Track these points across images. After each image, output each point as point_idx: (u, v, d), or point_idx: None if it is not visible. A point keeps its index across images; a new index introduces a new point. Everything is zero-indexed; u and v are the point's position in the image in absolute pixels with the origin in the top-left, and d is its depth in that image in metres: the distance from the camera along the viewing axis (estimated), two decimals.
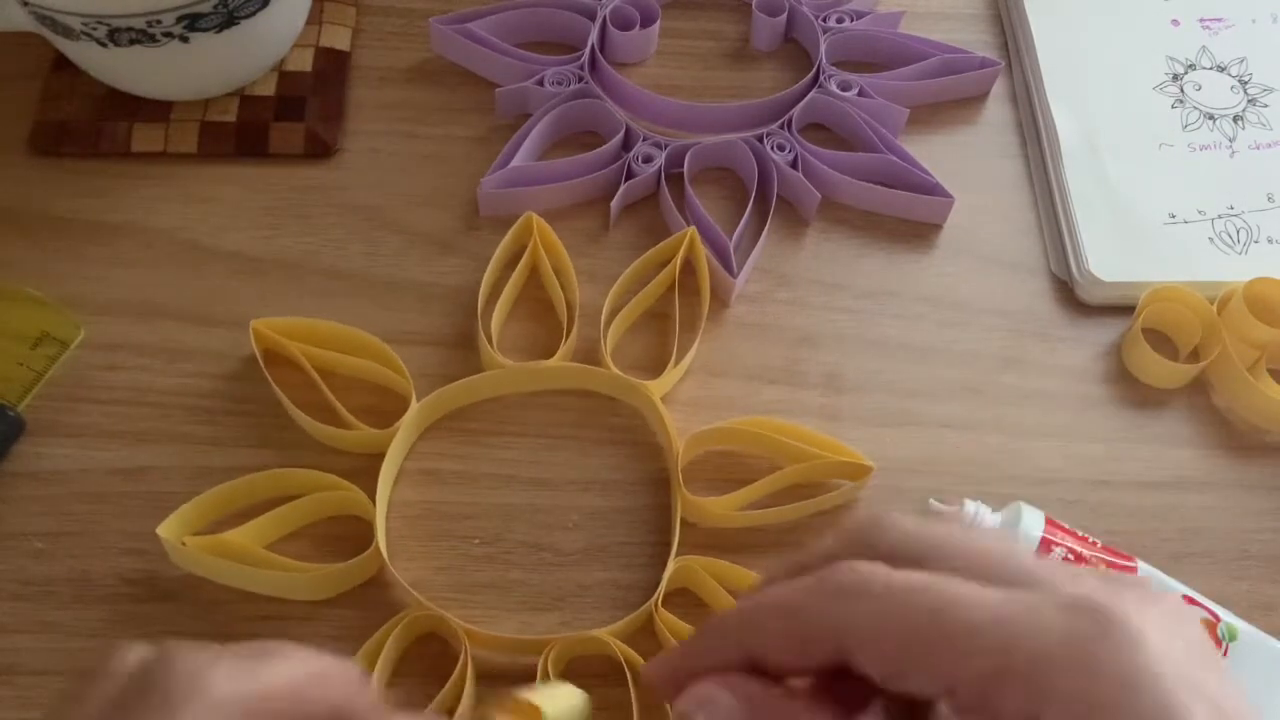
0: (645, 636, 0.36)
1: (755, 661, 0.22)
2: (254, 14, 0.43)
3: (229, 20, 0.42)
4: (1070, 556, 0.35)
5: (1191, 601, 0.35)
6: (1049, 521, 0.36)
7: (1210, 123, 0.49)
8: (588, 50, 0.48)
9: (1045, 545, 0.35)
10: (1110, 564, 0.35)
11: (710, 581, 0.37)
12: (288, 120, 0.46)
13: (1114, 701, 0.18)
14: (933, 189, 0.45)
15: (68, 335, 0.41)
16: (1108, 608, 0.19)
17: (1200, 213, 0.46)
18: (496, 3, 0.49)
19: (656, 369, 0.41)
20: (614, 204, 0.45)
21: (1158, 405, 0.42)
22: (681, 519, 0.38)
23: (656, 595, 0.36)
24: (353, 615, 0.36)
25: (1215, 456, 0.41)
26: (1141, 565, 0.36)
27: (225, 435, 0.40)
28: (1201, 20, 0.52)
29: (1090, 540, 0.36)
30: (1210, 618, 0.35)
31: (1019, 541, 0.35)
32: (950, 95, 0.49)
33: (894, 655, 0.20)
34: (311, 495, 0.37)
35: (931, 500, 0.37)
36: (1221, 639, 0.35)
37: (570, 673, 0.36)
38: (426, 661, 0.36)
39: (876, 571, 0.21)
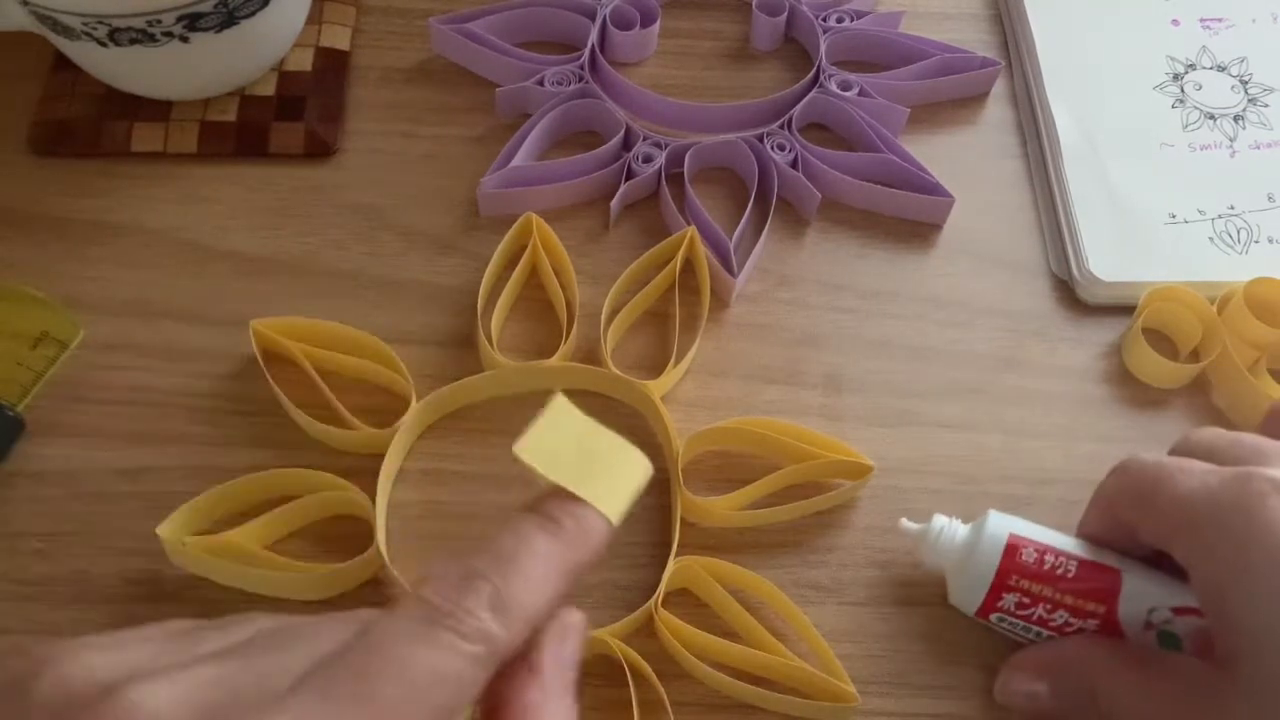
0: (645, 636, 0.36)
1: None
2: (254, 14, 0.43)
3: (229, 20, 0.42)
4: (1037, 556, 0.33)
5: (1190, 611, 0.34)
6: (1013, 537, 0.34)
7: (1211, 122, 0.49)
8: (588, 50, 0.48)
9: (1011, 550, 0.34)
10: (1089, 568, 0.34)
11: (710, 581, 0.37)
12: (288, 120, 0.46)
13: (1241, 539, 0.28)
14: (933, 189, 0.45)
15: (68, 335, 0.41)
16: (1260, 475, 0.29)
17: (1200, 212, 0.46)
18: (496, 3, 0.49)
19: (656, 369, 0.41)
20: (614, 204, 0.45)
21: (1157, 405, 0.42)
22: (681, 519, 0.38)
23: (656, 595, 0.36)
24: None
25: None
26: (1126, 576, 0.34)
27: (225, 435, 0.40)
28: (1202, 20, 0.52)
29: (1067, 555, 0.34)
30: (1200, 620, 0.34)
31: (984, 544, 0.34)
32: (950, 95, 0.49)
33: (1130, 512, 0.32)
34: (311, 495, 0.37)
35: (903, 520, 0.37)
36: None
37: None
38: None
39: (1133, 457, 0.33)
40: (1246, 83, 0.50)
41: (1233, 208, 0.46)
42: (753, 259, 0.44)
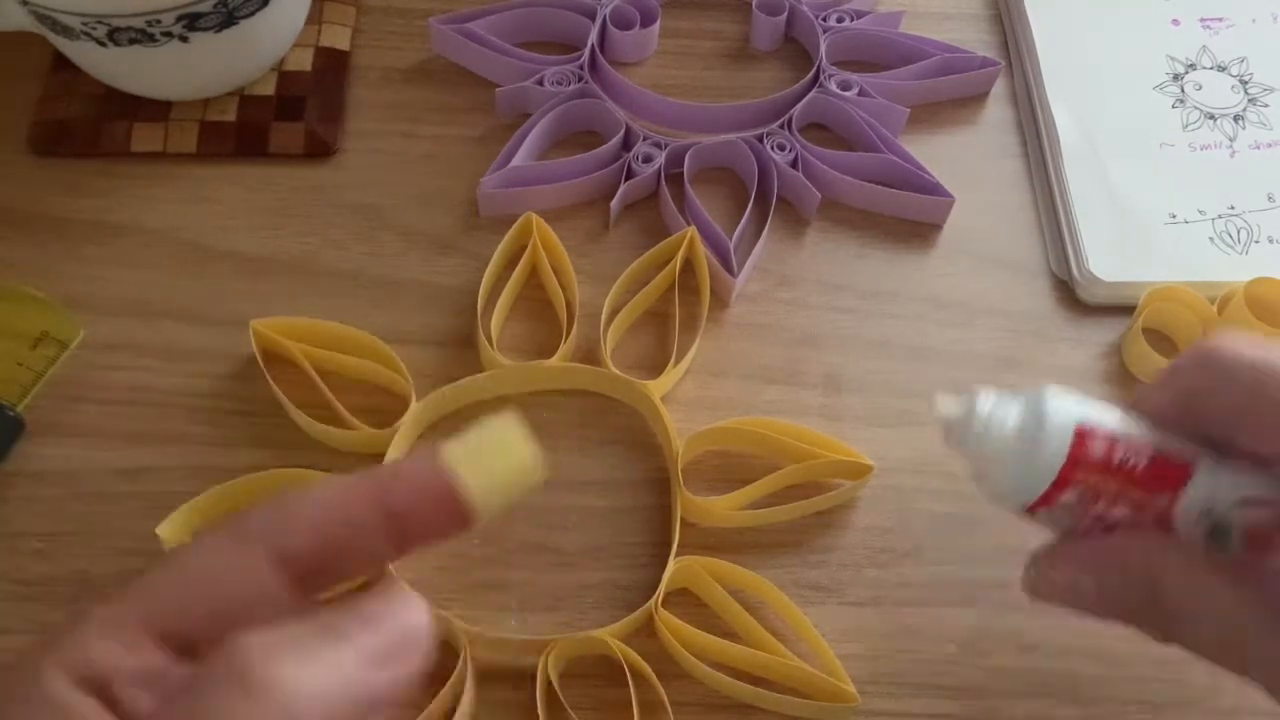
0: (645, 636, 0.36)
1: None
2: (253, 13, 0.43)
3: (228, 20, 0.42)
4: (1106, 447, 0.28)
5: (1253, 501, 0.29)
6: (1082, 427, 0.29)
7: (1211, 122, 0.49)
8: (588, 50, 0.48)
9: (1080, 441, 0.28)
10: (1160, 460, 0.29)
11: (710, 581, 0.37)
12: (287, 120, 0.46)
13: None
14: (933, 189, 0.45)
15: (68, 335, 0.41)
16: None
17: (1201, 212, 0.46)
18: (496, 3, 0.49)
19: (656, 369, 0.41)
20: (614, 204, 0.45)
21: None
22: (681, 519, 0.38)
23: (656, 595, 0.36)
24: None
25: None
26: (1198, 467, 0.29)
27: (225, 435, 0.40)
28: (1202, 20, 0.52)
29: (1138, 445, 0.29)
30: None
31: (1048, 434, 0.28)
32: (950, 95, 0.49)
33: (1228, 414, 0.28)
34: None
35: (939, 396, 0.31)
36: None
37: (570, 673, 0.36)
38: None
39: (1227, 344, 0.27)
40: (1246, 83, 0.50)
41: (1233, 208, 0.46)
42: (753, 259, 0.44)
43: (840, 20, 0.50)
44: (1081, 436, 0.28)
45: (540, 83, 0.47)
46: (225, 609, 0.20)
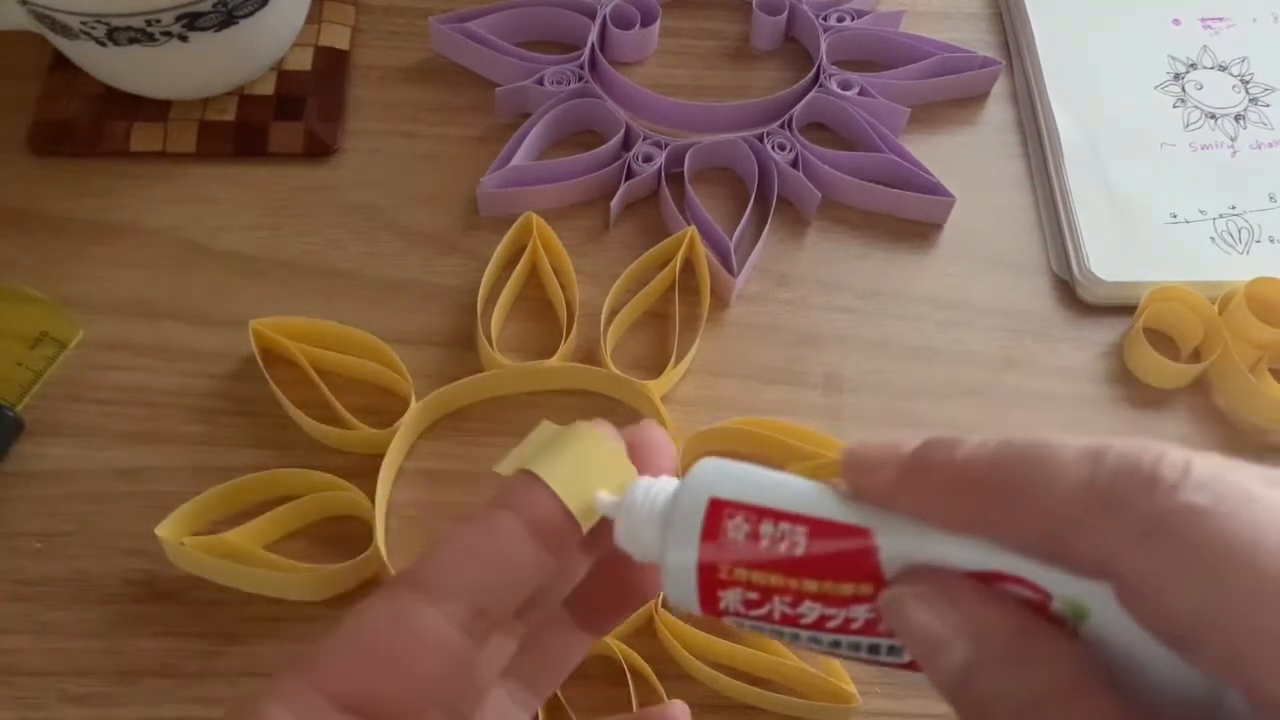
0: (645, 636, 0.36)
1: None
2: (253, 13, 0.43)
3: (228, 19, 0.42)
4: (750, 529, 0.21)
5: (1002, 578, 0.19)
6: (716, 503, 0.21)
7: (1212, 122, 0.49)
8: (588, 49, 0.48)
9: (714, 523, 0.21)
10: (822, 532, 0.20)
11: None
12: (287, 120, 0.46)
13: None
14: (933, 189, 0.45)
15: (67, 335, 0.41)
16: None
17: (1202, 212, 0.46)
18: (496, 2, 0.49)
19: (656, 369, 0.41)
20: (614, 204, 0.45)
21: (1159, 405, 0.42)
22: None
23: (657, 595, 0.36)
24: None
25: None
26: (880, 533, 0.20)
27: (225, 435, 0.40)
28: (1203, 20, 0.52)
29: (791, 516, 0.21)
30: (1031, 595, 0.19)
31: (679, 519, 0.21)
32: (951, 95, 0.49)
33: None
34: (311, 495, 0.37)
35: (599, 495, 0.23)
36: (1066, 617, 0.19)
37: (570, 673, 0.36)
38: None
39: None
40: (1248, 82, 0.50)
41: (1234, 207, 0.46)
42: (753, 259, 0.44)
43: (840, 20, 0.50)
44: (715, 518, 0.21)
45: (540, 82, 0.47)
46: (402, 671, 0.20)
